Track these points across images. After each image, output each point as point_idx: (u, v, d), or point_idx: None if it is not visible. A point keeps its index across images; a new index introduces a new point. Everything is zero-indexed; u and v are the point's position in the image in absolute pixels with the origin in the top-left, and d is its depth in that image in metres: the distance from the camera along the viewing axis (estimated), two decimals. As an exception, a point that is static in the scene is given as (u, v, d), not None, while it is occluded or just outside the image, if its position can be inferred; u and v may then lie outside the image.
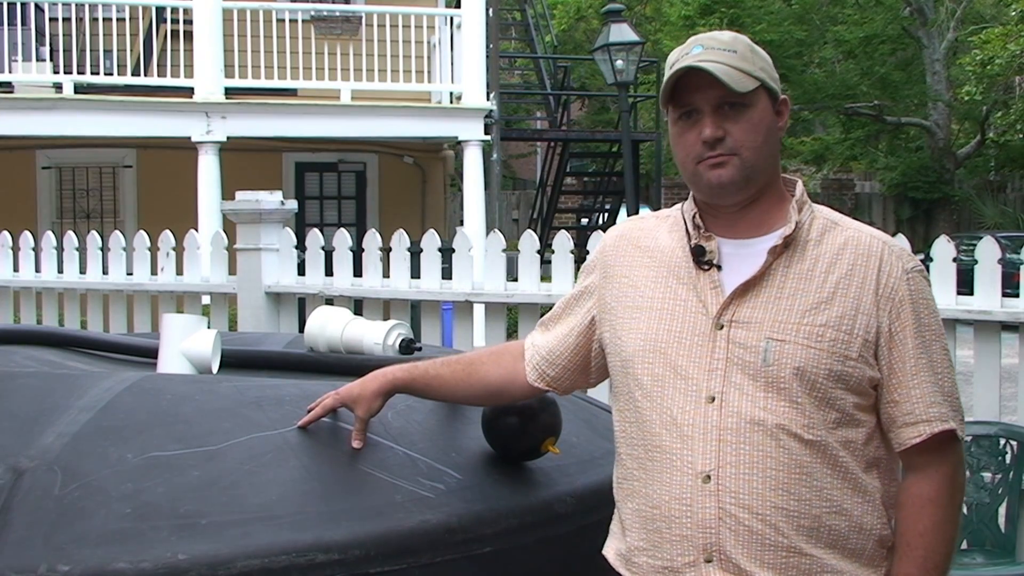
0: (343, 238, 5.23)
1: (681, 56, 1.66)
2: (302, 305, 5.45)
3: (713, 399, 1.61)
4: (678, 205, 1.78)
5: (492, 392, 1.90)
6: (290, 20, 11.61)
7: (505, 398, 1.93)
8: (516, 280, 4.90)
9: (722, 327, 1.63)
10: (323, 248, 5.34)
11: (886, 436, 1.66)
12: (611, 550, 1.77)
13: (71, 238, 6.16)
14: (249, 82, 11.18)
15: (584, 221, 17.27)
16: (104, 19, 11.28)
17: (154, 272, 5.91)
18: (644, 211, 15.84)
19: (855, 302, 1.62)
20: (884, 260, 1.65)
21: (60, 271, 6.20)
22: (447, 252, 5.28)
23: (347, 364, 2.49)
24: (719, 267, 1.67)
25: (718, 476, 1.59)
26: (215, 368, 2.46)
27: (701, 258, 1.67)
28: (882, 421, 1.65)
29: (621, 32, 11.39)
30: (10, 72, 10.88)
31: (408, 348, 2.59)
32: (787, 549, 1.58)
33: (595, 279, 1.83)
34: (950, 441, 1.64)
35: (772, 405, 1.59)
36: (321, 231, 5.51)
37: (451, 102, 11.94)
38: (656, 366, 1.67)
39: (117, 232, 6.10)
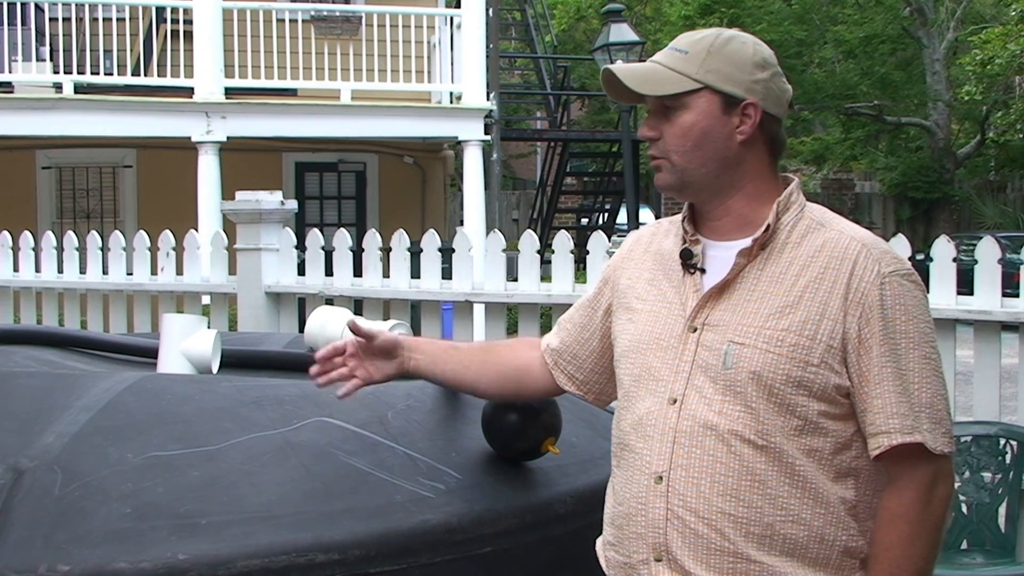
0: (343, 238, 5.23)
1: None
2: (302, 305, 5.45)
3: (675, 401, 1.62)
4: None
5: (508, 378, 1.89)
6: (290, 20, 11.61)
7: (521, 387, 1.91)
8: (516, 280, 4.91)
9: (695, 330, 1.63)
10: (323, 248, 5.34)
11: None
12: (598, 539, 1.81)
13: (71, 238, 6.16)
14: (249, 82, 11.17)
15: (584, 221, 17.26)
16: (104, 19, 11.27)
17: (154, 272, 5.91)
18: (645, 212, 15.85)
19: (821, 307, 1.57)
20: (858, 263, 1.58)
21: (60, 271, 6.20)
22: (447, 252, 5.28)
23: (347, 364, 2.48)
24: (703, 270, 1.67)
25: (669, 478, 1.60)
26: (215, 368, 2.46)
27: (688, 261, 1.68)
28: (860, 430, 1.61)
29: (621, 32, 11.40)
30: (10, 72, 10.87)
31: (408, 348, 2.58)
32: (733, 555, 1.57)
33: (609, 279, 1.84)
34: (922, 455, 1.56)
35: (728, 409, 1.58)
36: (321, 231, 5.52)
37: (451, 102, 11.94)
38: (635, 366, 1.69)
39: (117, 232, 6.10)
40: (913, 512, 1.57)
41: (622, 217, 15.03)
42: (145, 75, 11.74)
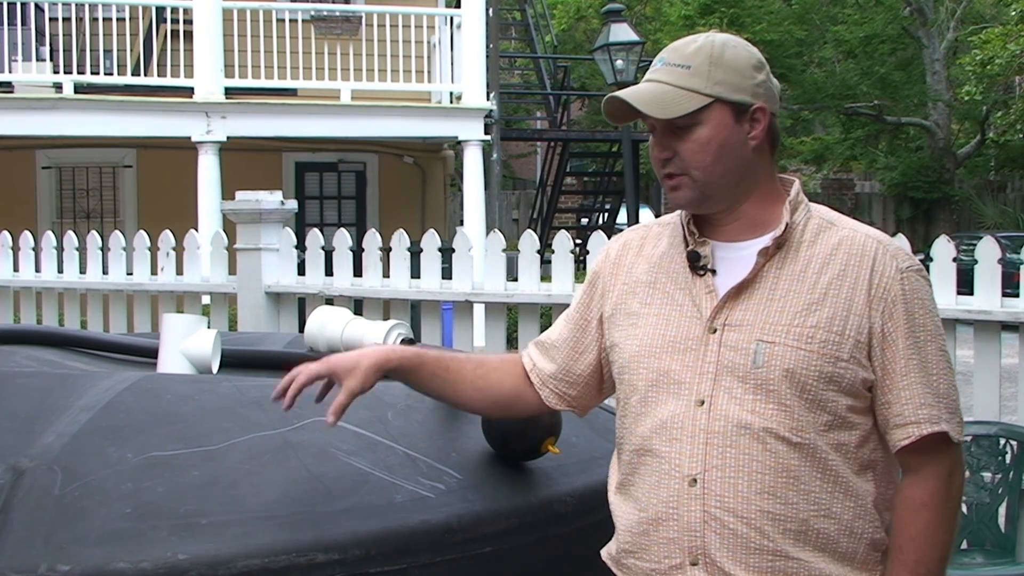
0: (343, 238, 5.23)
1: (652, 67, 1.69)
2: (302, 305, 5.45)
3: (703, 402, 1.61)
4: (679, 211, 1.79)
5: (502, 402, 1.85)
6: (290, 20, 11.62)
7: (512, 411, 1.89)
8: (516, 280, 4.91)
9: (715, 331, 1.63)
10: (323, 248, 5.34)
11: (883, 438, 1.65)
12: (605, 551, 1.78)
13: (71, 238, 6.16)
14: (249, 82, 11.19)
15: (584, 221, 17.27)
16: (104, 19, 11.28)
17: (154, 272, 5.91)
18: (645, 212, 15.87)
19: (847, 303, 1.60)
20: (877, 260, 1.63)
21: (60, 271, 6.20)
22: (447, 252, 5.28)
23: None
24: (713, 271, 1.66)
25: (704, 480, 1.60)
26: (215, 368, 2.46)
27: (696, 263, 1.67)
28: (878, 423, 1.65)
29: (621, 32, 11.40)
30: (10, 72, 10.89)
31: (408, 348, 2.58)
32: (773, 553, 1.58)
33: (599, 289, 1.81)
34: (944, 444, 1.62)
35: (760, 408, 1.59)
36: (321, 231, 5.52)
37: (451, 102, 11.95)
38: (650, 371, 1.67)
39: (117, 232, 6.10)
40: (936, 500, 1.61)
41: (622, 217, 15.04)
42: (145, 75, 11.75)
